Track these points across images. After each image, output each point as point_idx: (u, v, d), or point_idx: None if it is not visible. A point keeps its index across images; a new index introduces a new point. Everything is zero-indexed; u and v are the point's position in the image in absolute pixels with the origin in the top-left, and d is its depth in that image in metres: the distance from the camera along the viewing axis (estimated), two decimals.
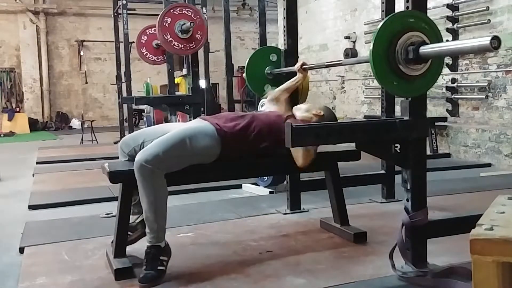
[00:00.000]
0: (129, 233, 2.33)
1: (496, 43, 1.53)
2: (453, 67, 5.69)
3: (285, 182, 3.30)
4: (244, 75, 3.35)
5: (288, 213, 3.19)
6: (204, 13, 6.02)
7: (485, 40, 1.55)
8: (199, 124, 2.34)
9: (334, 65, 2.96)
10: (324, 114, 2.50)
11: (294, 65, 3.02)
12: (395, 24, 1.83)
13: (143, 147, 2.28)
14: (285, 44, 3.09)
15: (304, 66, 2.87)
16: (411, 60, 1.82)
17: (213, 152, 2.25)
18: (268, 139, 2.36)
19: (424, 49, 1.79)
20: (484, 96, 5.30)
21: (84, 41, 13.58)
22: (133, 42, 6.88)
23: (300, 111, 2.56)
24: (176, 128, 2.27)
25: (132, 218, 2.37)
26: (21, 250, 2.60)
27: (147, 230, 2.12)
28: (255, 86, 3.31)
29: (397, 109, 2.47)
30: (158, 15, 4.52)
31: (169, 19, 4.44)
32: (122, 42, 7.78)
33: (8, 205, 3.89)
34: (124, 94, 7.77)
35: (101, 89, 13.88)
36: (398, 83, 1.85)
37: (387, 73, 1.82)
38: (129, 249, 2.33)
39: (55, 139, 10.02)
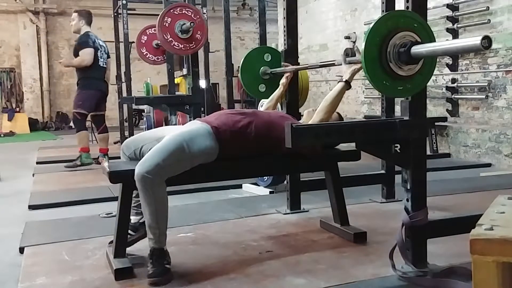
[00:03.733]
0: (130, 232, 2.33)
1: (486, 43, 1.53)
2: (453, 67, 5.69)
3: (285, 182, 3.29)
4: (238, 75, 3.33)
5: (288, 213, 3.18)
6: (204, 13, 6.01)
7: (476, 40, 1.55)
8: (194, 126, 2.32)
9: (327, 65, 2.95)
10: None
11: (293, 65, 3.02)
12: (387, 24, 1.82)
13: (142, 151, 2.29)
14: (285, 44, 3.08)
15: (296, 67, 3.00)
16: (403, 60, 1.81)
17: (212, 152, 2.24)
18: (267, 139, 2.35)
19: (415, 49, 1.79)
20: (484, 96, 5.30)
21: None
22: (133, 42, 6.86)
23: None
24: (172, 132, 2.26)
25: (135, 219, 2.37)
26: (21, 250, 2.60)
27: (149, 235, 2.13)
28: (250, 87, 3.29)
29: (397, 109, 2.47)
30: (158, 15, 4.51)
31: (169, 19, 4.44)
32: (122, 42, 7.76)
33: (8, 205, 3.88)
34: (124, 94, 7.76)
35: None
36: (390, 83, 1.84)
37: (379, 72, 1.81)
38: (129, 249, 2.33)
39: (55, 139, 10.01)
